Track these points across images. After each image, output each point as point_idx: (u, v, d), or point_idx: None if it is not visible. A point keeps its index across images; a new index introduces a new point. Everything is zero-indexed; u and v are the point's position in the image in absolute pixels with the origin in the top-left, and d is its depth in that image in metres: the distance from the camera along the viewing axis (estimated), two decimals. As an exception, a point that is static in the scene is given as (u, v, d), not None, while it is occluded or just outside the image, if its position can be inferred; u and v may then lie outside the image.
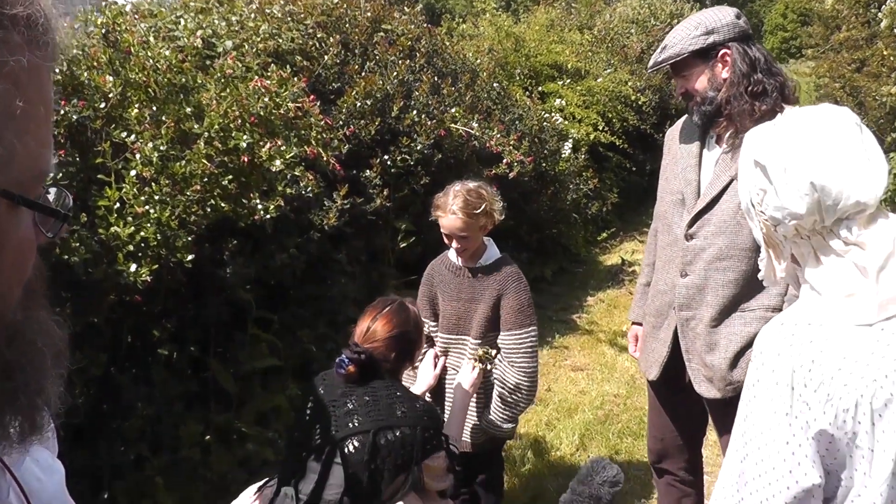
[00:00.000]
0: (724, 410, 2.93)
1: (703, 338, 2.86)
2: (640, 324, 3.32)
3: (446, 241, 3.37)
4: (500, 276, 3.34)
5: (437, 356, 3.45)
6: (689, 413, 3.24)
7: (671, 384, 3.10)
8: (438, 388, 3.50)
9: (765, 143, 1.57)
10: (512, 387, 3.33)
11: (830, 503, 1.51)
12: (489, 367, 3.37)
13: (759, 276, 1.72)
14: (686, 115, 3.02)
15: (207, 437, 4.16)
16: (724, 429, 2.97)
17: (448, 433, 3.08)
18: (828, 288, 1.50)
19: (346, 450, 2.64)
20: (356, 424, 2.64)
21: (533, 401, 3.41)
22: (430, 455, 2.73)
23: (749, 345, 2.78)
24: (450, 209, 3.21)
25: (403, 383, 3.03)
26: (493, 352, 3.38)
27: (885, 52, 9.41)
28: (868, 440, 1.43)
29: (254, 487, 2.93)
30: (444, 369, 3.48)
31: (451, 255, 3.41)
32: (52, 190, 0.84)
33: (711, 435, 3.68)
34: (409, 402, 2.72)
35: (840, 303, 1.48)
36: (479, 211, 3.20)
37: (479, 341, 3.35)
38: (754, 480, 1.52)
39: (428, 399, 3.19)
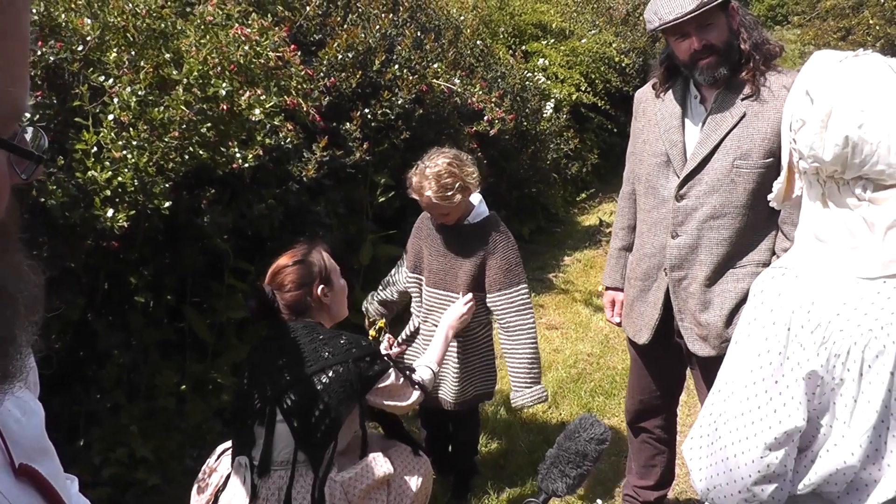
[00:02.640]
0: (716, 368, 2.96)
1: (697, 297, 2.89)
2: (617, 289, 3.33)
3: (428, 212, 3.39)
4: (487, 235, 3.35)
5: (391, 344, 3.49)
6: (670, 374, 3.28)
7: (658, 346, 3.12)
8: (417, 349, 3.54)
9: (821, 78, 1.53)
10: (517, 352, 3.36)
11: (806, 449, 1.53)
12: (380, 338, 3.49)
13: (770, 196, 1.71)
14: (653, 80, 3.01)
15: (183, 386, 4.18)
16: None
17: (425, 360, 3.12)
18: (833, 237, 1.52)
19: (284, 406, 2.66)
20: (288, 378, 2.66)
21: (538, 357, 3.43)
22: (375, 381, 2.76)
23: (743, 301, 2.81)
24: (424, 194, 3.21)
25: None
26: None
27: (870, 21, 9.44)
28: (854, 389, 1.44)
29: (219, 450, 2.95)
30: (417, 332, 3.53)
31: None
32: (29, 129, 0.82)
33: (683, 395, 3.74)
34: (333, 341, 2.73)
35: (844, 253, 1.49)
36: (452, 191, 3.19)
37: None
38: (736, 419, 1.53)
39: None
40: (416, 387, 2.93)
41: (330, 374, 2.66)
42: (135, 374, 3.93)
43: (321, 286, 2.84)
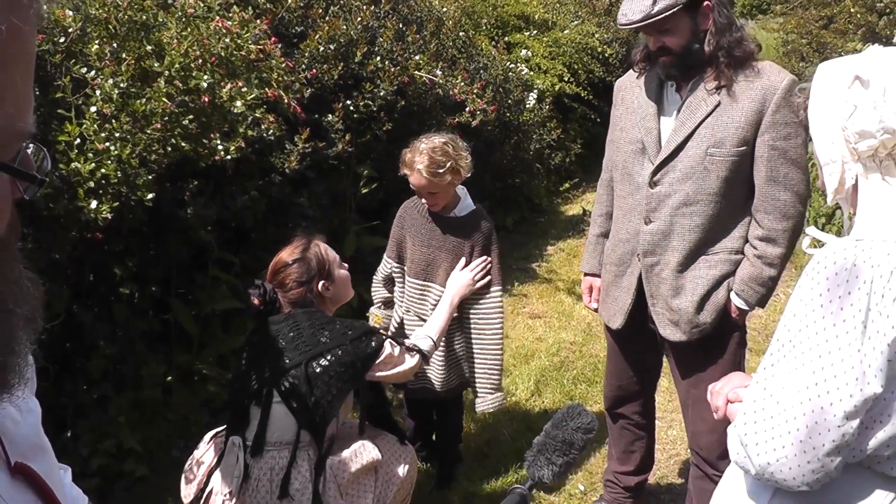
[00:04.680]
0: (687, 353, 3.02)
1: (669, 282, 2.93)
2: (595, 275, 3.37)
3: (417, 195, 3.40)
4: (472, 231, 3.38)
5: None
6: (646, 359, 3.32)
7: (632, 331, 3.17)
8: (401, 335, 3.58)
9: (869, 62, 1.63)
10: (480, 356, 3.41)
11: (864, 416, 1.52)
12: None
13: (826, 191, 1.75)
14: (634, 68, 3.05)
15: (169, 377, 4.20)
16: (685, 372, 3.07)
17: (427, 330, 3.17)
18: None
19: (282, 388, 2.71)
20: (287, 362, 2.72)
21: (500, 363, 3.48)
22: (375, 359, 2.82)
23: (714, 287, 2.87)
24: (415, 168, 3.24)
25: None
26: (384, 323, 3.62)
27: (852, 10, 9.47)
28: None
29: (210, 435, 2.99)
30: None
31: None
32: (31, 146, 0.81)
33: (662, 381, 3.78)
34: (331, 325, 2.81)
35: None
36: (443, 170, 3.22)
37: (444, 290, 3.40)
38: (808, 389, 1.52)
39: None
40: (414, 352, 2.98)
41: (329, 357, 2.73)
42: (121, 365, 3.94)
43: (322, 281, 2.91)
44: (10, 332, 0.78)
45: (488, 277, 3.40)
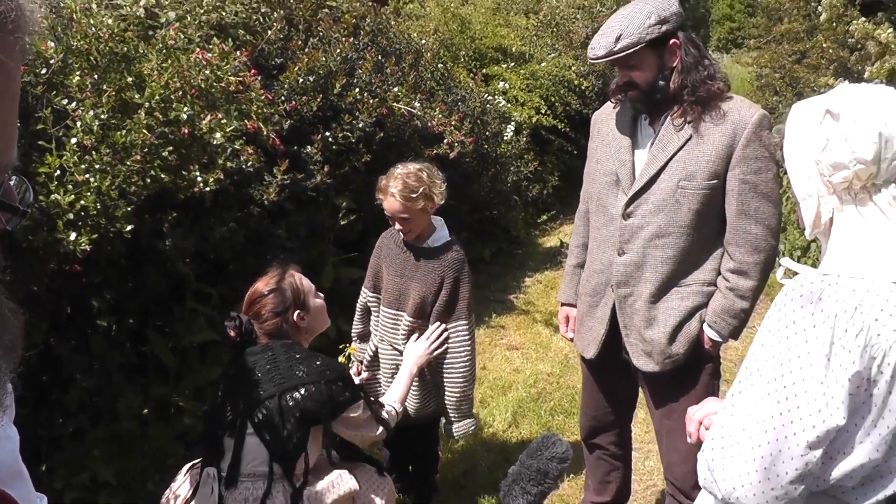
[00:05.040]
0: (660, 384, 3.04)
1: (642, 313, 2.95)
2: (571, 305, 3.40)
3: (390, 222, 3.42)
4: (444, 262, 3.41)
5: (359, 371, 3.53)
6: (620, 389, 3.34)
7: (606, 362, 3.19)
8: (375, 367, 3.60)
9: (839, 97, 1.69)
10: (448, 386, 3.43)
11: (829, 446, 1.58)
12: (350, 365, 3.53)
13: (804, 226, 1.79)
14: (611, 100, 3.10)
15: (145, 410, 4.17)
16: (659, 402, 3.09)
17: (389, 399, 3.17)
18: (872, 243, 1.61)
19: (255, 419, 2.72)
20: (262, 393, 2.72)
21: (470, 393, 3.49)
22: (344, 407, 2.81)
23: (687, 318, 2.90)
24: (389, 192, 3.27)
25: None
26: (359, 355, 3.63)
27: (824, 45, 9.63)
28: (884, 390, 1.52)
29: (186, 467, 2.99)
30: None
31: None
32: (14, 178, 0.82)
33: (640, 413, 3.80)
34: (309, 361, 2.81)
35: (883, 258, 1.58)
36: (416, 195, 3.25)
37: (413, 320, 3.42)
38: (773, 419, 1.57)
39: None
40: (380, 426, 2.98)
41: (302, 392, 2.72)
42: (98, 398, 3.92)
43: (297, 311, 2.92)
44: None
45: (445, 346, 3.43)
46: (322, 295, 3.09)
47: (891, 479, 1.58)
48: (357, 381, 3.44)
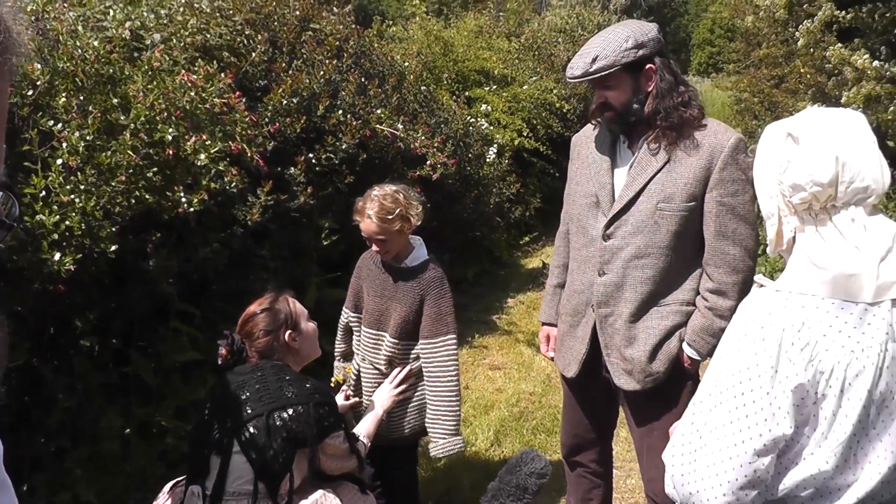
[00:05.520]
0: (641, 402, 3.07)
1: (622, 333, 2.98)
2: (552, 324, 3.43)
3: (367, 243, 3.45)
4: (422, 280, 3.43)
5: (347, 395, 3.55)
6: (601, 408, 3.36)
7: (587, 380, 3.21)
8: (356, 388, 3.61)
9: (800, 121, 1.77)
10: (434, 403, 3.44)
11: (782, 457, 1.67)
12: (344, 387, 3.56)
13: (768, 247, 1.87)
14: (591, 122, 3.16)
15: (127, 430, 4.16)
16: (640, 420, 3.12)
17: (361, 435, 3.20)
18: (828, 263, 1.66)
19: (242, 438, 2.73)
20: (249, 412, 2.74)
21: (458, 409, 3.51)
22: (328, 433, 2.83)
23: (666, 337, 2.94)
24: (365, 214, 3.30)
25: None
26: (353, 375, 3.60)
27: (802, 70, 9.77)
28: (833, 404, 1.60)
29: (169, 486, 2.99)
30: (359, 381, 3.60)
31: None
32: (1, 193, 0.84)
33: (621, 431, 3.83)
34: (299, 383, 2.82)
35: (837, 278, 1.63)
36: (392, 216, 3.28)
37: (396, 341, 3.44)
38: (724, 427, 1.66)
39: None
40: (354, 458, 3.00)
41: (290, 412, 2.74)
42: (79, 418, 3.91)
43: (288, 332, 2.95)
44: None
45: (409, 391, 3.46)
46: (315, 322, 3.12)
47: (842, 493, 1.65)
48: (348, 404, 3.48)
